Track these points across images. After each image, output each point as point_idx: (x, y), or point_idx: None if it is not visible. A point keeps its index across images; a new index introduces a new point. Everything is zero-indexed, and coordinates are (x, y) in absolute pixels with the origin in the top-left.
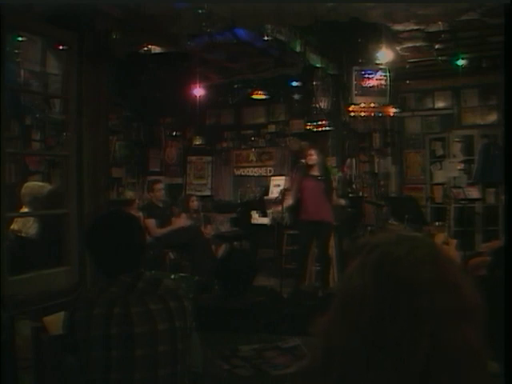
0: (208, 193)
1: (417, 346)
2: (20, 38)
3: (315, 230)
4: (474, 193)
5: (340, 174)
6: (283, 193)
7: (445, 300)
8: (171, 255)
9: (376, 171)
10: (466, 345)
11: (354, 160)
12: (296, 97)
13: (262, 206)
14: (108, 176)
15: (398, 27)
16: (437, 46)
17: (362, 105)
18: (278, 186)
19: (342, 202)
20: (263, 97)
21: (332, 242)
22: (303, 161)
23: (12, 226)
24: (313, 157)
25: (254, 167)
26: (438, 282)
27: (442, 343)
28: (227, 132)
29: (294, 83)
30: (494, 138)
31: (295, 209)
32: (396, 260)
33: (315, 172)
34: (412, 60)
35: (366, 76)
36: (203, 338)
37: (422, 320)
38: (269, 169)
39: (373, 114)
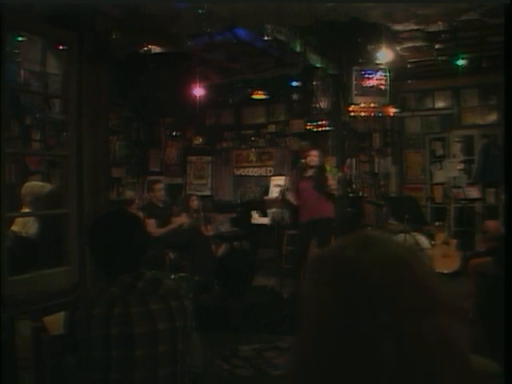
0: (208, 193)
1: (381, 350)
2: (20, 38)
3: (316, 229)
4: (474, 193)
5: (340, 173)
6: (283, 193)
7: (402, 298)
8: (171, 255)
9: (376, 171)
10: (433, 341)
11: (354, 160)
12: (296, 97)
13: (262, 206)
14: (108, 176)
15: (398, 27)
16: (437, 46)
17: (362, 105)
18: (278, 185)
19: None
20: (263, 97)
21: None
22: (303, 161)
23: (12, 226)
24: (315, 158)
25: (254, 167)
26: (393, 281)
27: (406, 342)
28: (227, 132)
29: (294, 83)
30: (494, 137)
31: (295, 210)
32: (344, 262)
33: (311, 173)
34: (412, 60)
35: (366, 76)
36: (203, 337)
37: (381, 322)
38: (269, 169)
39: (373, 114)
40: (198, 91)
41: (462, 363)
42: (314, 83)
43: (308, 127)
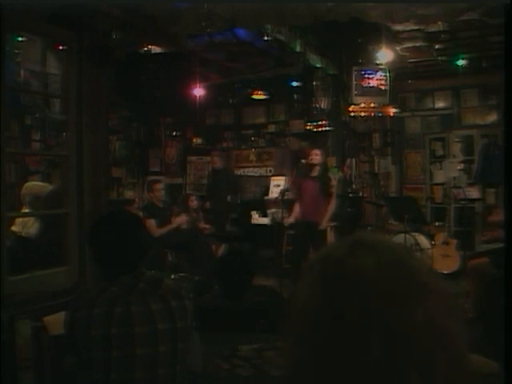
0: None
1: (368, 349)
2: (20, 38)
3: (311, 231)
4: (474, 193)
5: (340, 173)
6: (283, 193)
7: (390, 301)
8: (171, 255)
9: (376, 171)
10: (420, 328)
11: (354, 160)
12: (296, 97)
13: (262, 206)
14: (108, 176)
15: (398, 27)
16: (437, 46)
17: (362, 105)
18: (278, 185)
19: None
20: (263, 97)
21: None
22: (303, 161)
23: (12, 226)
24: (317, 157)
25: (254, 167)
26: (380, 283)
27: (392, 335)
28: (227, 132)
29: (294, 83)
30: (494, 137)
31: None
32: (336, 264)
33: (315, 173)
34: (412, 60)
35: (366, 76)
36: (203, 337)
37: (372, 320)
38: (269, 169)
39: (373, 114)
40: (198, 91)
41: (455, 349)
42: (314, 83)
43: (308, 127)
